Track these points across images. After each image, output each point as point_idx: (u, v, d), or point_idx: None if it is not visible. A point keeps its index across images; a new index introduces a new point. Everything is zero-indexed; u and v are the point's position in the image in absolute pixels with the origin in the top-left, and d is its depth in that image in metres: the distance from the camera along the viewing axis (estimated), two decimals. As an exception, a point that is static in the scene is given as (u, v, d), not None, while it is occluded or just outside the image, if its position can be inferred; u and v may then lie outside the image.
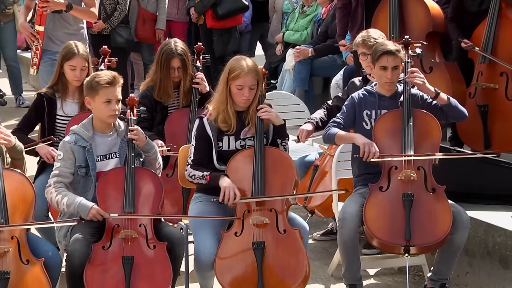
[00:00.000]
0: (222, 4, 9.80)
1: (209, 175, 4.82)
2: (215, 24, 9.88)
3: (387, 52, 5.00)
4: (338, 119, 5.14)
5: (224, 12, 9.80)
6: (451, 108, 5.05)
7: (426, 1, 7.02)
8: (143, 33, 9.67)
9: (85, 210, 4.67)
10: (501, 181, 5.88)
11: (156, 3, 9.75)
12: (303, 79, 8.95)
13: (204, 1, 9.81)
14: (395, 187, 4.88)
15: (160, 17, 9.73)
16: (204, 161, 4.90)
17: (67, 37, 7.16)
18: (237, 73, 4.80)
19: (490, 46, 7.03)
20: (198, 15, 9.93)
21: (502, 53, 7.01)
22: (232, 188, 4.73)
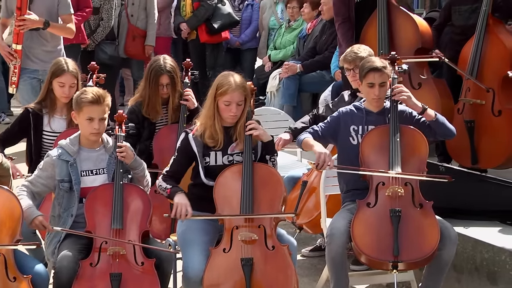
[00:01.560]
0: (216, 18, 9.83)
1: (170, 188, 4.85)
2: (209, 38, 9.91)
3: (373, 69, 5.02)
4: (317, 127, 5.18)
5: (219, 27, 9.84)
6: (438, 124, 5.06)
7: (414, 18, 7.06)
8: (132, 50, 9.66)
9: (30, 218, 4.68)
10: (488, 196, 5.90)
11: (146, 19, 9.75)
12: (291, 95, 8.98)
13: (198, 16, 9.83)
14: (382, 203, 4.88)
15: (149, 33, 9.72)
16: (178, 175, 4.94)
17: (45, 54, 7.16)
18: (224, 89, 4.82)
19: (477, 63, 7.08)
20: (191, 30, 9.93)
21: (488, 69, 7.05)
22: (184, 205, 4.75)
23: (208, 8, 9.80)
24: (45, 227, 4.71)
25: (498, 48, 7.04)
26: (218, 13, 9.86)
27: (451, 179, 4.92)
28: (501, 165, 7.11)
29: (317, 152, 4.95)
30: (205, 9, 9.79)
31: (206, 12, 9.80)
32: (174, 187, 4.87)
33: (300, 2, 9.53)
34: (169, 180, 4.92)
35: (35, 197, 4.86)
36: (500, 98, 7.00)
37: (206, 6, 9.79)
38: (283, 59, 9.49)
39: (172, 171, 4.95)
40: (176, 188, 4.86)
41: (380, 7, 6.97)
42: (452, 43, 7.43)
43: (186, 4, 9.96)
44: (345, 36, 7.27)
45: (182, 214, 4.75)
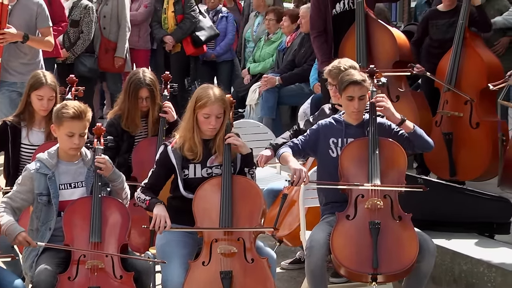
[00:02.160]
0: (200, 31, 9.84)
1: (149, 200, 4.84)
2: (195, 51, 9.91)
3: (353, 82, 5.04)
4: (296, 141, 5.19)
5: (205, 39, 9.85)
6: (417, 136, 5.08)
7: (392, 31, 7.11)
8: (105, 63, 9.60)
9: (12, 235, 4.65)
10: (466, 209, 5.94)
11: (118, 32, 9.70)
12: (270, 107, 8.99)
13: (183, 28, 9.82)
14: (362, 216, 4.89)
15: (119, 45, 9.63)
16: (156, 188, 4.94)
17: (23, 67, 7.13)
18: (204, 102, 4.82)
19: (455, 76, 7.14)
20: (176, 42, 9.92)
21: (466, 82, 7.12)
22: (163, 217, 4.75)
23: (193, 20, 9.81)
24: (29, 243, 4.67)
25: (475, 61, 7.10)
26: (201, 26, 9.87)
27: (426, 188, 4.94)
28: (479, 177, 7.16)
29: (292, 168, 4.97)
30: (190, 21, 9.80)
31: (192, 25, 9.81)
32: (153, 199, 4.86)
33: (277, 15, 9.56)
34: (148, 192, 4.91)
35: (16, 213, 4.82)
36: (478, 111, 7.06)
37: (192, 18, 9.80)
38: (262, 72, 9.51)
39: (151, 183, 4.95)
40: (155, 200, 4.85)
41: (358, 20, 7.01)
42: (429, 57, 7.49)
43: (168, 17, 9.94)
44: (320, 49, 7.33)
45: (161, 226, 4.74)
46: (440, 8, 7.51)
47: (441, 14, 7.48)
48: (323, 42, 7.32)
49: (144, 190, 4.92)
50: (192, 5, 9.84)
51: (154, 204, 4.82)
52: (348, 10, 7.18)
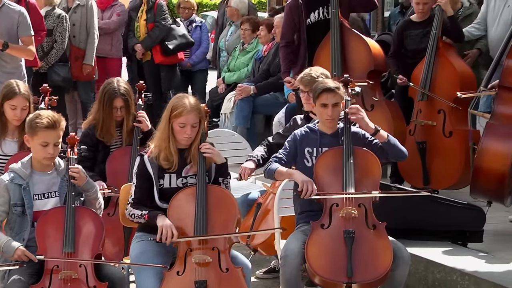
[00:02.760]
0: (171, 39, 9.83)
1: (147, 214, 4.79)
2: (164, 59, 9.90)
3: (326, 90, 5.06)
4: (279, 155, 5.17)
5: (174, 48, 9.84)
6: (391, 146, 5.10)
7: (367, 40, 7.15)
8: (76, 71, 9.56)
9: (11, 251, 4.62)
10: (439, 217, 5.97)
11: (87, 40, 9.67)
12: (245, 117, 9.00)
13: (152, 36, 9.82)
14: (336, 224, 4.90)
15: (88, 52, 9.60)
16: (145, 200, 4.88)
17: (4, 76, 7.09)
18: (179, 111, 4.81)
19: (428, 85, 7.19)
20: (145, 50, 9.91)
21: (439, 91, 7.18)
22: (170, 227, 4.71)
23: (163, 28, 9.80)
24: (29, 257, 4.62)
25: (448, 70, 7.17)
26: (173, 34, 9.87)
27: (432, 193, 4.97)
28: (452, 185, 7.21)
29: (300, 180, 4.94)
30: (159, 29, 9.80)
31: (160, 33, 9.80)
32: (151, 211, 4.80)
33: (253, 25, 9.58)
34: (140, 206, 4.85)
35: None
36: (451, 120, 7.11)
37: (161, 26, 9.80)
38: (237, 81, 9.53)
39: (138, 197, 4.89)
40: (153, 212, 4.79)
41: (333, 30, 7.05)
42: (404, 67, 7.54)
43: (140, 25, 9.95)
44: (285, 59, 7.44)
45: (168, 237, 4.69)
46: (414, 19, 7.57)
47: (414, 24, 7.53)
48: (289, 52, 7.40)
49: (135, 206, 4.86)
50: (164, 13, 9.84)
51: (155, 216, 4.76)
52: (323, 20, 7.22)
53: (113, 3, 10.33)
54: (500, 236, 6.34)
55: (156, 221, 4.73)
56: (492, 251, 5.97)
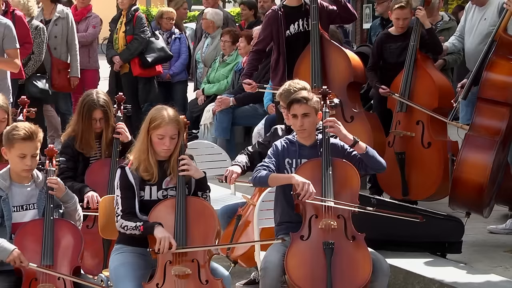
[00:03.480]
0: (149, 52, 9.82)
1: (142, 225, 4.76)
2: (142, 72, 9.89)
3: (295, 100, 5.09)
4: (266, 163, 5.15)
5: (153, 61, 9.83)
6: (369, 157, 5.12)
7: (347, 52, 7.19)
8: (60, 82, 9.52)
9: (6, 253, 4.57)
10: (418, 228, 5.98)
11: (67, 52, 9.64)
12: (224, 128, 9.01)
13: (131, 49, 9.80)
14: (316, 236, 4.91)
15: (73, 65, 9.58)
16: (134, 210, 4.85)
17: None
18: (158, 123, 4.80)
19: (407, 96, 7.24)
20: (124, 63, 9.90)
21: (418, 102, 7.22)
22: (168, 238, 4.68)
23: (142, 41, 9.79)
24: (22, 262, 4.57)
25: (427, 82, 7.22)
26: (152, 47, 9.86)
27: (423, 219, 4.98)
28: (431, 196, 7.25)
29: (300, 182, 4.88)
30: (138, 42, 9.79)
31: (139, 46, 9.79)
32: (147, 222, 4.77)
33: (232, 36, 9.60)
34: (132, 217, 4.81)
35: None
36: (430, 130, 7.16)
37: (140, 39, 9.79)
38: (217, 93, 9.53)
39: (127, 207, 4.84)
40: (148, 223, 4.76)
41: (313, 42, 7.08)
42: (383, 79, 7.58)
43: (119, 37, 9.93)
44: (250, 63, 7.52)
45: (166, 248, 4.67)
46: (393, 32, 7.62)
47: (394, 37, 7.58)
48: (256, 59, 7.48)
49: (127, 217, 4.81)
50: (143, 26, 9.83)
51: (151, 227, 4.72)
52: (302, 32, 7.24)
53: (87, 15, 10.33)
54: (479, 247, 6.37)
55: (153, 232, 4.70)
56: (471, 262, 6.00)
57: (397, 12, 7.42)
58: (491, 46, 6.43)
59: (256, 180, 5.08)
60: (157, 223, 4.75)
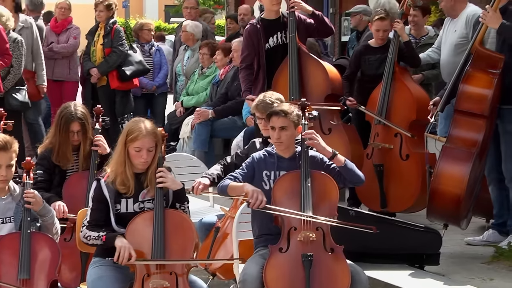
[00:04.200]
0: (128, 65, 9.81)
1: (105, 235, 4.76)
2: (120, 85, 9.87)
3: (274, 113, 5.11)
4: (235, 174, 5.18)
5: (131, 74, 9.81)
6: (348, 170, 5.13)
7: (324, 65, 7.22)
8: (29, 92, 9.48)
9: None
10: (397, 240, 6.01)
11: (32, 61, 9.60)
12: (203, 140, 9.00)
13: (109, 62, 9.79)
14: (294, 248, 4.91)
15: (39, 73, 9.52)
16: (101, 223, 4.84)
17: None
18: (135, 135, 4.79)
19: (385, 108, 7.27)
20: (101, 75, 9.88)
21: (396, 114, 7.26)
22: (128, 248, 4.68)
23: (121, 54, 9.78)
24: None
25: (405, 95, 7.26)
26: (130, 60, 9.84)
27: (376, 230, 4.99)
28: (409, 208, 7.28)
29: (250, 190, 4.94)
30: (117, 55, 9.77)
31: (118, 59, 9.78)
32: (109, 233, 4.77)
33: (211, 49, 9.61)
34: (96, 228, 4.81)
35: None
36: (408, 143, 7.20)
37: (118, 52, 9.77)
38: (196, 105, 9.53)
39: (94, 219, 4.85)
40: (111, 233, 4.76)
41: (291, 54, 7.10)
42: (361, 91, 7.62)
43: (97, 49, 9.91)
44: (245, 80, 7.44)
45: (125, 258, 4.66)
46: (372, 44, 7.67)
47: (373, 49, 7.63)
48: (249, 74, 7.44)
49: (91, 227, 4.81)
50: (122, 39, 9.82)
51: (113, 237, 4.72)
52: (281, 44, 7.27)
53: (68, 26, 10.31)
54: (457, 259, 6.40)
55: (114, 242, 4.70)
56: (449, 273, 6.03)
57: (377, 23, 7.47)
58: (467, 59, 6.49)
59: (219, 189, 5.16)
60: (119, 234, 4.75)
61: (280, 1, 7.27)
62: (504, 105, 6.41)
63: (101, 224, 4.84)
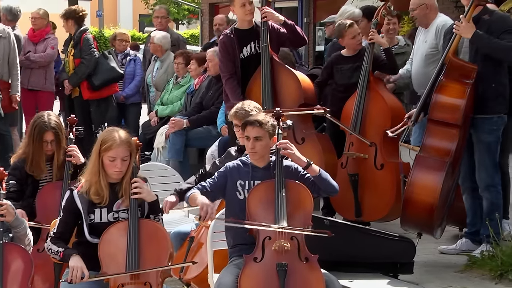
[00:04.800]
0: (98, 74, 9.77)
1: (63, 251, 4.77)
2: (91, 95, 9.83)
3: (248, 123, 5.12)
4: (204, 183, 5.19)
5: (100, 83, 9.77)
6: (322, 180, 5.15)
7: (297, 74, 7.23)
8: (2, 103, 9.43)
9: None
10: (371, 249, 6.03)
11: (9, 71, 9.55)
12: (178, 150, 8.97)
13: (78, 73, 9.75)
14: (269, 258, 4.91)
15: (13, 84, 9.48)
16: (66, 236, 4.86)
17: None
18: (109, 145, 4.78)
19: (360, 118, 7.30)
20: (73, 87, 9.84)
21: (371, 124, 7.29)
22: (80, 268, 4.68)
23: (88, 64, 9.74)
24: None
25: (379, 104, 7.29)
26: (99, 69, 9.80)
27: (331, 234, 4.99)
28: (384, 217, 7.30)
29: (200, 203, 4.99)
30: (85, 66, 9.75)
31: (86, 69, 9.75)
32: (67, 250, 4.77)
33: (186, 58, 9.60)
34: (59, 242, 4.81)
35: None
36: (383, 152, 7.22)
37: (86, 62, 9.74)
38: (170, 115, 9.51)
39: (60, 232, 4.85)
40: (69, 251, 4.77)
41: (263, 64, 7.12)
42: (335, 100, 7.65)
43: (69, 60, 9.89)
44: (233, 91, 7.35)
45: (78, 277, 4.65)
46: (344, 53, 7.70)
47: (345, 59, 7.66)
48: (236, 84, 7.38)
49: (55, 241, 4.82)
50: (90, 48, 9.78)
51: (69, 255, 4.73)
52: (255, 54, 7.27)
53: (46, 36, 10.25)
54: (430, 267, 6.43)
55: (68, 260, 4.71)
56: (423, 282, 6.05)
57: (350, 30, 7.51)
58: (441, 69, 6.53)
59: (186, 199, 5.20)
60: (75, 252, 4.75)
61: (253, 11, 7.27)
62: (477, 114, 6.46)
63: (65, 237, 4.85)
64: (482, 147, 6.50)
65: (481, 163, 6.51)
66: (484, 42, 6.32)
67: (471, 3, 6.39)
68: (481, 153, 6.51)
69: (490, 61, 6.41)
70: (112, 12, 40.30)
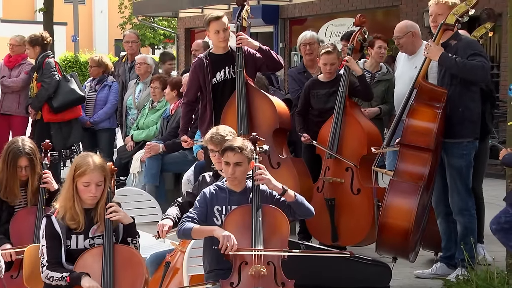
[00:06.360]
0: (57, 97, 9.73)
1: (69, 276, 4.70)
2: (52, 117, 9.78)
3: (229, 148, 5.12)
4: (191, 214, 5.15)
5: (59, 105, 9.71)
6: (298, 205, 5.16)
7: (272, 99, 7.25)
8: None
9: None
10: (346, 274, 6.02)
11: None
12: (154, 174, 8.96)
13: (39, 97, 9.74)
14: (245, 283, 4.90)
15: None
16: (59, 260, 4.79)
17: None
18: (83, 170, 4.77)
19: (336, 142, 7.32)
20: (36, 111, 9.80)
21: (347, 148, 7.31)
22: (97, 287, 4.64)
23: (48, 87, 9.71)
24: None
25: (356, 129, 7.32)
26: (60, 91, 9.76)
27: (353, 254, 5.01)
28: (360, 242, 7.30)
29: (221, 236, 4.89)
30: (45, 89, 9.72)
31: (46, 92, 9.72)
32: (72, 273, 4.72)
33: (162, 83, 9.60)
34: (58, 268, 4.76)
35: None
36: (359, 177, 7.24)
37: (46, 86, 9.72)
38: (146, 139, 9.49)
39: (52, 258, 4.79)
40: (75, 273, 4.71)
41: (239, 89, 7.13)
42: (310, 125, 7.67)
43: (34, 85, 9.88)
44: (184, 117, 7.53)
45: None
46: (321, 79, 7.72)
47: (321, 84, 7.68)
48: (189, 111, 7.51)
49: (53, 268, 4.76)
50: (50, 71, 9.74)
51: (78, 277, 4.68)
52: (229, 79, 7.29)
53: (21, 62, 10.23)
54: (406, 291, 6.45)
55: (81, 283, 4.64)
56: (399, 306, 6.06)
57: (324, 57, 7.53)
58: (411, 93, 6.58)
59: (181, 233, 5.09)
60: (84, 273, 4.69)
61: (227, 38, 7.30)
62: (446, 138, 6.50)
63: (60, 261, 4.79)
64: (454, 172, 6.54)
65: (454, 187, 6.55)
66: (451, 62, 6.35)
67: (440, 27, 6.47)
68: (452, 177, 6.55)
69: (457, 85, 6.46)
70: (87, 37, 40.28)
